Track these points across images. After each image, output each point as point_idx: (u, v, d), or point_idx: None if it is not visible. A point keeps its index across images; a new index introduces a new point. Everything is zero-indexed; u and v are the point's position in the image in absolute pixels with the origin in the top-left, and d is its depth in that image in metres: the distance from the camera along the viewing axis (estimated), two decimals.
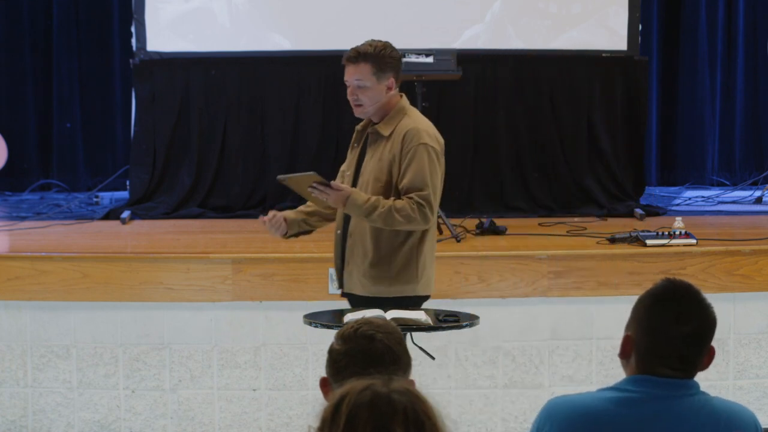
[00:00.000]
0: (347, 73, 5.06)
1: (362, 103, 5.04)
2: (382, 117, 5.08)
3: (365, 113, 5.09)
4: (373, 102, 5.04)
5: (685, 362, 2.86)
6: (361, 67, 5.03)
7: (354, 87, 5.04)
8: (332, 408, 2.09)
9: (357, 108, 5.08)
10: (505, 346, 6.36)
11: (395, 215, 4.88)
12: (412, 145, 4.97)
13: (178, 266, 6.31)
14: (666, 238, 6.57)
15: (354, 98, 5.05)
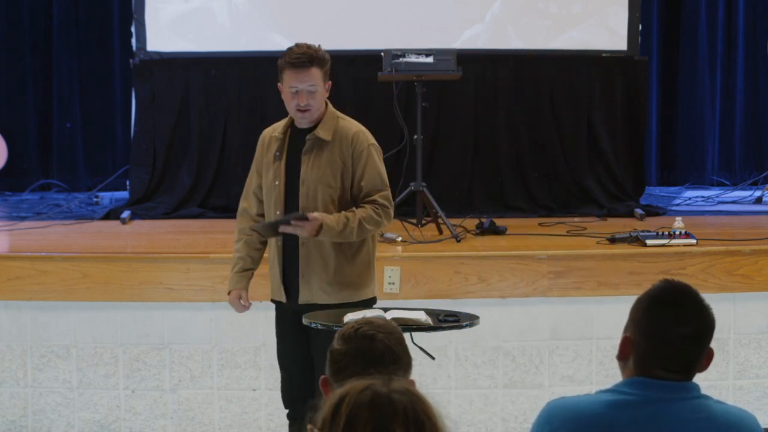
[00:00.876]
0: (296, 79, 4.89)
1: (311, 109, 4.92)
2: (314, 122, 4.98)
3: (310, 120, 4.95)
4: (319, 107, 4.94)
5: (683, 364, 2.86)
6: (312, 72, 4.91)
7: (305, 92, 4.90)
8: (332, 408, 2.09)
9: (304, 114, 4.91)
10: (505, 346, 6.35)
11: (366, 227, 4.90)
12: (363, 146, 4.96)
13: (178, 266, 6.31)
14: (666, 238, 6.57)
15: (304, 104, 4.90)
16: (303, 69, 4.90)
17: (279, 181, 4.98)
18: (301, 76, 4.90)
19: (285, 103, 5.03)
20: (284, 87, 4.99)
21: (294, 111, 4.95)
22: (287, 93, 4.96)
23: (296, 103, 4.91)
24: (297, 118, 4.97)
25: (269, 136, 5.08)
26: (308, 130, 4.99)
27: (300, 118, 4.96)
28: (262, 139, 5.11)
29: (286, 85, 4.97)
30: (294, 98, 4.92)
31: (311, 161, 4.95)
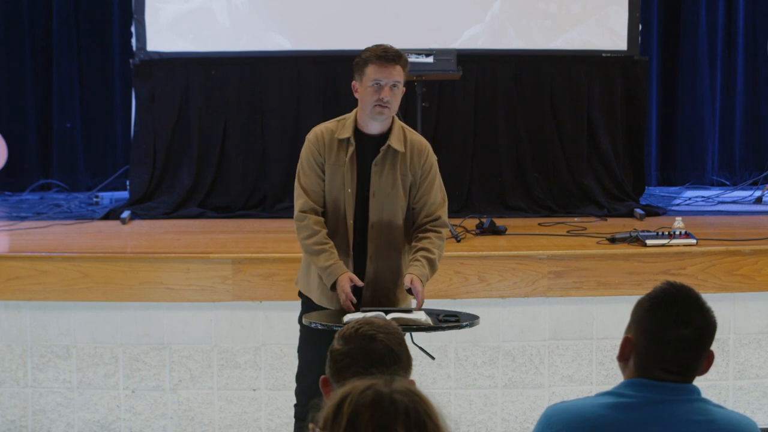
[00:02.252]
0: (381, 73, 4.75)
1: (390, 106, 4.77)
2: (384, 128, 4.85)
3: (387, 118, 4.81)
4: (396, 108, 4.82)
5: (683, 366, 2.85)
6: (398, 69, 4.79)
7: (388, 88, 4.76)
8: (334, 408, 2.09)
9: (383, 110, 4.76)
10: (505, 346, 6.36)
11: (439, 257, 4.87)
12: (432, 161, 4.88)
13: (178, 266, 6.31)
14: (666, 238, 6.57)
15: (387, 99, 4.74)
16: (390, 64, 4.76)
17: (351, 189, 4.81)
18: (388, 70, 4.75)
19: (361, 100, 4.83)
20: (364, 82, 4.80)
21: (372, 107, 4.76)
22: (367, 88, 4.77)
23: (378, 97, 4.74)
24: (374, 114, 4.78)
25: (329, 137, 4.85)
26: (376, 138, 4.84)
27: (378, 114, 4.77)
28: (320, 139, 4.87)
29: (367, 79, 4.78)
30: (376, 92, 4.75)
31: (384, 172, 4.80)
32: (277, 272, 6.30)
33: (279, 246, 7.01)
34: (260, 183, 8.34)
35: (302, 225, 4.84)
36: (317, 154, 4.85)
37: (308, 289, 4.99)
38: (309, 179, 4.86)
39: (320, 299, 4.93)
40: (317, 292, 4.93)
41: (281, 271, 6.29)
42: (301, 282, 5.05)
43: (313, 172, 4.85)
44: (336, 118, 4.99)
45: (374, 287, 4.86)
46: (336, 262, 4.77)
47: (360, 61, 4.86)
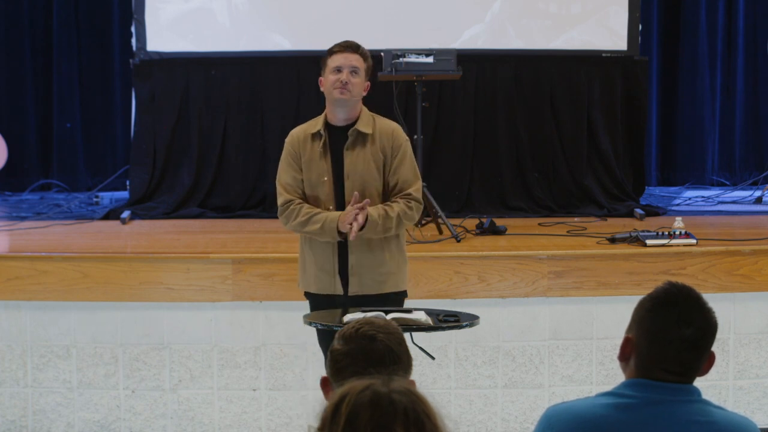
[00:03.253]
0: (341, 58, 5.03)
1: (350, 88, 5.02)
2: (350, 118, 5.09)
3: (347, 100, 5.03)
4: (356, 95, 5.05)
5: (684, 366, 2.85)
6: (357, 57, 5.07)
7: (347, 71, 5.02)
8: (332, 408, 2.09)
9: (345, 92, 5.01)
10: (505, 346, 6.35)
11: (403, 221, 5.05)
12: (401, 141, 5.11)
13: (178, 266, 6.31)
14: (666, 238, 6.57)
15: (345, 79, 5.00)
16: (347, 51, 5.07)
17: (327, 177, 5.06)
18: (346, 57, 5.05)
19: (325, 91, 5.09)
20: (327, 71, 5.07)
21: (333, 89, 5.03)
22: (328, 76, 5.05)
23: (337, 78, 5.01)
24: (336, 97, 5.04)
25: (303, 134, 5.13)
26: (345, 128, 5.09)
27: (339, 95, 5.03)
28: (295, 138, 5.15)
29: (329, 67, 5.06)
30: (336, 75, 5.02)
31: (354, 156, 5.05)
32: (277, 272, 6.30)
33: (279, 246, 7.01)
34: (260, 183, 8.34)
35: (287, 211, 5.12)
36: (293, 152, 5.15)
37: (307, 284, 5.16)
38: (287, 175, 5.17)
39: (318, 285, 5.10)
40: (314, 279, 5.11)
41: (281, 271, 6.29)
42: (301, 281, 5.23)
43: (291, 168, 5.15)
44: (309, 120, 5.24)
45: (358, 269, 5.06)
46: (328, 213, 5.01)
47: (324, 56, 5.14)
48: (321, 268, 5.11)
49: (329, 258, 5.08)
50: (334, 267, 5.08)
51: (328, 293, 5.11)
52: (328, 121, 5.13)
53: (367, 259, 5.07)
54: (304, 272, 5.18)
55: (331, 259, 5.08)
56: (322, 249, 5.10)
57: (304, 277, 5.19)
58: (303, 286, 5.21)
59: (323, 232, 4.99)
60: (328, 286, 5.10)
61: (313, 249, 5.12)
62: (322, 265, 5.10)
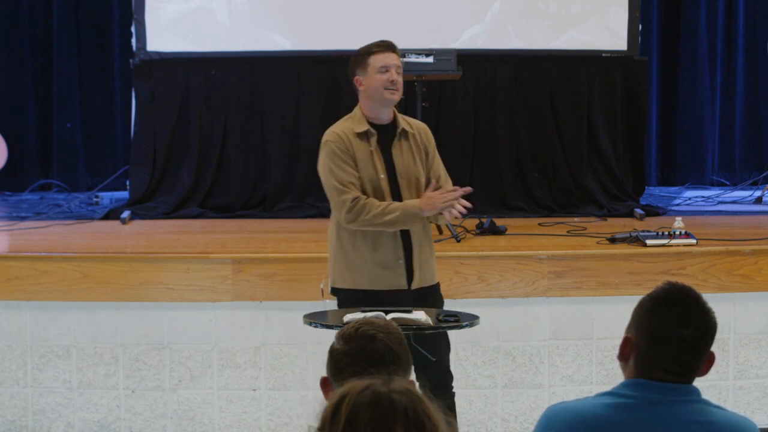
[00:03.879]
0: (386, 58, 5.07)
1: (399, 88, 5.09)
2: (391, 114, 5.14)
3: (396, 100, 5.10)
4: (401, 94, 5.13)
5: (684, 366, 2.85)
6: (398, 57, 5.15)
7: (394, 70, 5.07)
8: (332, 408, 2.09)
9: (395, 93, 5.07)
10: (505, 346, 6.35)
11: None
12: (432, 139, 5.21)
13: (178, 266, 6.31)
14: (666, 238, 6.57)
15: (396, 81, 5.06)
16: (390, 51, 5.12)
17: (384, 175, 5.05)
18: (389, 55, 5.10)
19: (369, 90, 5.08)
20: (370, 72, 5.08)
21: (383, 90, 5.05)
22: (375, 76, 5.07)
23: (387, 78, 5.04)
24: (385, 98, 5.06)
25: (349, 133, 5.07)
26: (386, 127, 5.10)
27: (390, 96, 5.06)
28: (343, 137, 5.06)
29: (373, 68, 5.08)
30: (385, 74, 5.05)
31: (402, 154, 5.09)
32: (277, 272, 6.30)
33: (279, 246, 7.01)
34: (260, 183, 8.34)
35: (357, 207, 5.00)
36: (345, 149, 5.05)
37: (355, 279, 5.10)
38: (344, 173, 5.03)
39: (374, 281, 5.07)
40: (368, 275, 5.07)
41: (281, 271, 6.30)
42: (341, 279, 5.14)
43: (347, 165, 5.03)
44: (341, 120, 5.18)
45: (420, 262, 5.10)
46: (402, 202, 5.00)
47: (359, 56, 5.16)
48: (380, 263, 5.06)
49: (394, 252, 5.07)
50: (398, 261, 5.07)
51: (390, 288, 5.07)
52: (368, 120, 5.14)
53: (425, 251, 5.14)
54: (348, 270, 5.10)
55: (397, 253, 5.07)
56: (385, 244, 5.06)
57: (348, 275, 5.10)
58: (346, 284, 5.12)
59: (404, 220, 4.99)
60: (390, 282, 5.08)
61: (367, 244, 5.06)
62: (383, 261, 5.06)
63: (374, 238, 5.05)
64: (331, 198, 5.07)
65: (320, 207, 8.21)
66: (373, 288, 5.07)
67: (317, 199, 8.26)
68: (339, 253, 5.12)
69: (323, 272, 6.25)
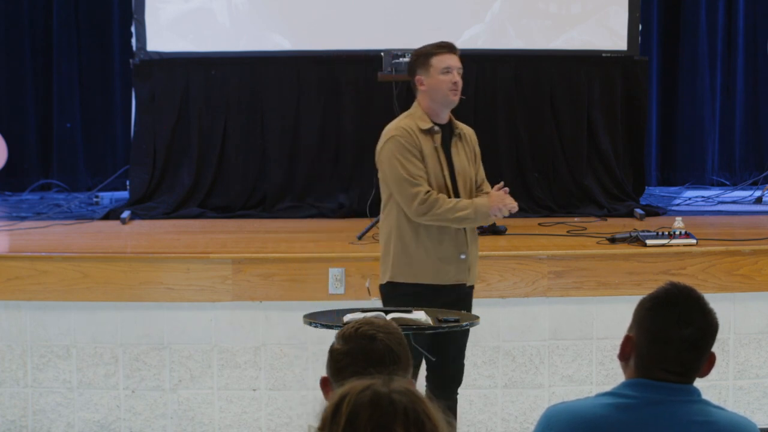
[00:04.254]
0: (452, 59, 5.15)
1: (459, 90, 5.16)
2: (448, 115, 5.23)
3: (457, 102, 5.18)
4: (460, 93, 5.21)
5: (683, 366, 2.85)
6: (458, 58, 5.21)
7: (457, 72, 5.15)
8: (333, 407, 2.09)
9: (457, 94, 5.15)
10: (505, 346, 6.35)
11: None
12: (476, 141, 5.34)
13: (178, 266, 6.31)
14: (666, 238, 6.57)
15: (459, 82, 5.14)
16: (451, 52, 5.18)
17: (447, 173, 5.14)
18: (452, 57, 5.17)
19: (432, 90, 5.14)
20: (433, 73, 5.14)
21: (448, 91, 5.13)
22: (438, 77, 5.13)
23: (450, 79, 5.12)
24: (449, 98, 5.15)
25: (415, 128, 5.13)
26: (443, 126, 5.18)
27: (453, 97, 5.14)
28: (410, 132, 5.13)
29: (436, 69, 5.13)
30: (447, 76, 5.12)
31: (458, 154, 5.20)
32: (277, 272, 6.30)
33: (279, 246, 7.01)
34: (260, 183, 8.34)
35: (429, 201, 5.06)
36: (414, 144, 5.11)
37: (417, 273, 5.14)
38: (414, 167, 5.10)
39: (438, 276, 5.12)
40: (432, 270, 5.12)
41: (281, 271, 6.29)
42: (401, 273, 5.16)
43: (416, 159, 5.10)
44: (400, 117, 5.26)
45: (473, 261, 5.22)
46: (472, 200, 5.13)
47: (421, 57, 5.20)
48: (443, 258, 5.13)
49: (457, 248, 5.14)
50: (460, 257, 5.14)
51: (452, 283, 5.15)
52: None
53: (474, 249, 5.25)
54: (410, 264, 5.13)
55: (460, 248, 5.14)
56: (449, 239, 5.14)
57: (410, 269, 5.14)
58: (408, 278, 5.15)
59: (474, 217, 5.09)
60: (452, 276, 5.15)
61: (431, 239, 5.12)
62: (446, 256, 5.13)
63: (438, 232, 5.11)
64: (399, 191, 5.09)
65: (320, 207, 8.21)
66: (436, 282, 5.13)
67: (317, 199, 8.27)
68: (399, 248, 5.16)
69: (323, 272, 6.27)
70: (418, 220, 5.08)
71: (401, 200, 5.09)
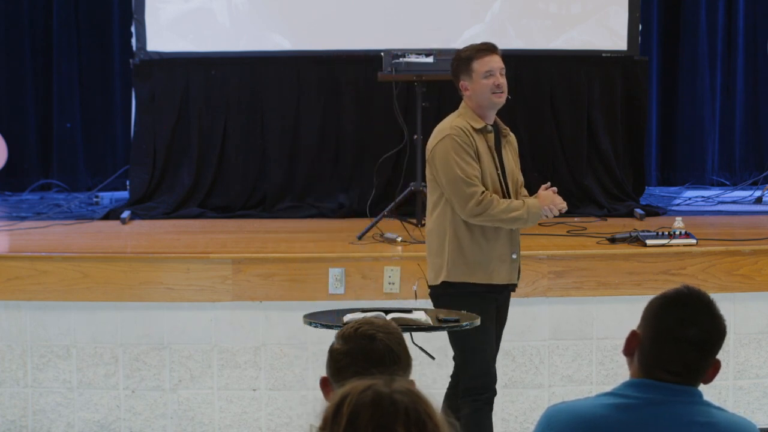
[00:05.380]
0: (491, 61, 5.14)
1: (505, 90, 5.16)
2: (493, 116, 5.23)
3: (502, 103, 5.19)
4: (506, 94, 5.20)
5: (684, 367, 2.85)
6: (500, 59, 5.21)
7: (500, 73, 5.14)
8: (334, 407, 2.09)
9: (502, 95, 5.15)
10: (505, 346, 6.34)
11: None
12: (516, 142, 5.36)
13: (178, 266, 6.31)
14: (666, 238, 6.56)
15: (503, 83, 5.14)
16: (494, 53, 5.18)
17: (499, 173, 5.17)
18: (493, 59, 5.16)
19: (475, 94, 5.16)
20: (475, 77, 5.15)
21: (491, 94, 5.13)
22: (481, 80, 5.14)
23: (493, 82, 5.12)
24: (493, 101, 5.15)
25: (469, 128, 5.15)
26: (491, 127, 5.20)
27: (497, 99, 5.14)
28: (465, 131, 5.14)
29: (478, 73, 5.14)
30: (491, 80, 5.12)
31: (506, 155, 5.25)
32: (277, 272, 6.30)
33: (279, 246, 7.01)
34: (260, 183, 8.34)
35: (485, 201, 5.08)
36: (469, 143, 5.12)
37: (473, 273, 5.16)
38: (470, 167, 5.11)
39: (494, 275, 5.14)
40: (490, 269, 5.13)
41: (281, 271, 6.29)
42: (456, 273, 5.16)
43: (472, 160, 5.11)
44: (451, 116, 5.26)
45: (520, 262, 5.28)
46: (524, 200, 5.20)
47: (462, 61, 5.21)
48: (498, 257, 5.16)
49: (510, 247, 5.19)
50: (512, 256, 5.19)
51: (504, 282, 5.21)
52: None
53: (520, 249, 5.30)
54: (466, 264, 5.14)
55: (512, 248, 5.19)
56: (503, 238, 5.17)
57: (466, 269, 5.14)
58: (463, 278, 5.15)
59: (527, 218, 5.14)
60: (505, 276, 5.20)
61: (486, 238, 5.14)
62: (500, 255, 5.17)
63: (493, 232, 5.14)
64: (455, 190, 5.08)
65: (320, 207, 8.21)
66: (491, 282, 5.16)
67: (317, 199, 8.27)
68: (455, 247, 5.15)
69: (323, 272, 6.27)
70: (470, 220, 5.09)
71: (455, 200, 5.09)
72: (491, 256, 5.13)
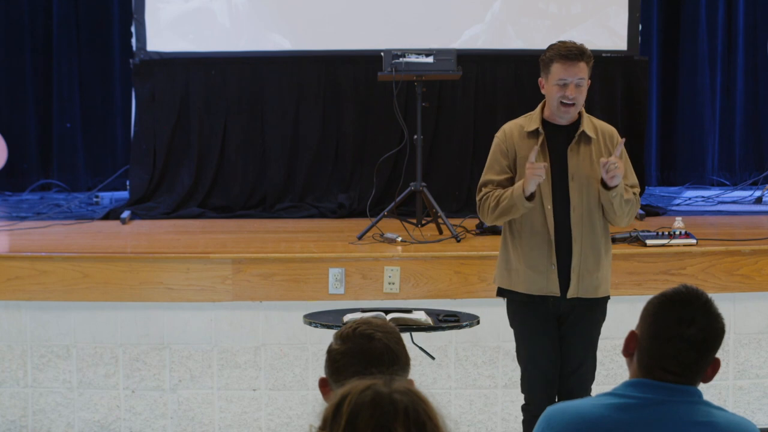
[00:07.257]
0: (566, 71, 4.88)
1: (576, 103, 4.90)
2: (573, 119, 4.98)
3: (572, 116, 4.95)
4: (579, 106, 4.95)
5: (682, 366, 2.85)
6: (582, 66, 4.90)
7: (573, 85, 4.88)
8: (333, 407, 2.09)
9: (569, 108, 4.91)
10: (505, 346, 6.35)
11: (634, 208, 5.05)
12: (616, 142, 5.02)
13: (178, 266, 6.31)
14: (666, 238, 6.57)
15: (572, 97, 4.88)
16: (574, 61, 4.88)
17: (547, 176, 4.90)
18: (572, 69, 4.87)
19: (547, 97, 4.97)
20: (550, 80, 4.93)
21: (557, 105, 4.91)
22: (552, 86, 4.91)
23: (562, 95, 4.88)
24: (559, 112, 4.93)
25: (518, 131, 5.01)
26: (566, 127, 4.98)
27: (563, 113, 4.92)
28: (508, 135, 5.04)
29: (552, 78, 4.91)
30: (561, 90, 4.89)
31: (579, 157, 4.96)
32: (277, 272, 6.30)
33: (279, 246, 7.01)
34: (260, 183, 8.34)
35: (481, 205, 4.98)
36: (504, 149, 5.01)
37: (512, 282, 5.04)
38: (494, 172, 5.00)
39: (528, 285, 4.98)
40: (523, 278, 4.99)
41: (281, 271, 6.29)
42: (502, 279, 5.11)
43: (497, 165, 5.00)
44: (524, 115, 5.11)
45: (580, 271, 4.95)
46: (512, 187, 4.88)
47: (545, 59, 4.97)
48: (532, 266, 4.98)
49: (545, 256, 4.95)
50: (550, 266, 4.95)
51: (541, 294, 4.98)
52: (545, 118, 5.00)
53: (590, 261, 4.97)
54: (508, 270, 5.05)
55: (548, 257, 4.95)
56: (538, 247, 4.97)
57: (507, 275, 5.06)
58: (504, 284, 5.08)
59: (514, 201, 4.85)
60: (541, 287, 4.97)
61: (522, 245, 5.00)
62: (535, 265, 4.97)
63: (529, 239, 4.96)
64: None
65: (320, 207, 8.21)
66: (527, 291, 4.99)
67: (317, 199, 8.27)
68: (503, 253, 5.09)
69: (323, 272, 6.28)
70: (486, 222, 5.04)
71: None
72: (526, 264, 4.96)
